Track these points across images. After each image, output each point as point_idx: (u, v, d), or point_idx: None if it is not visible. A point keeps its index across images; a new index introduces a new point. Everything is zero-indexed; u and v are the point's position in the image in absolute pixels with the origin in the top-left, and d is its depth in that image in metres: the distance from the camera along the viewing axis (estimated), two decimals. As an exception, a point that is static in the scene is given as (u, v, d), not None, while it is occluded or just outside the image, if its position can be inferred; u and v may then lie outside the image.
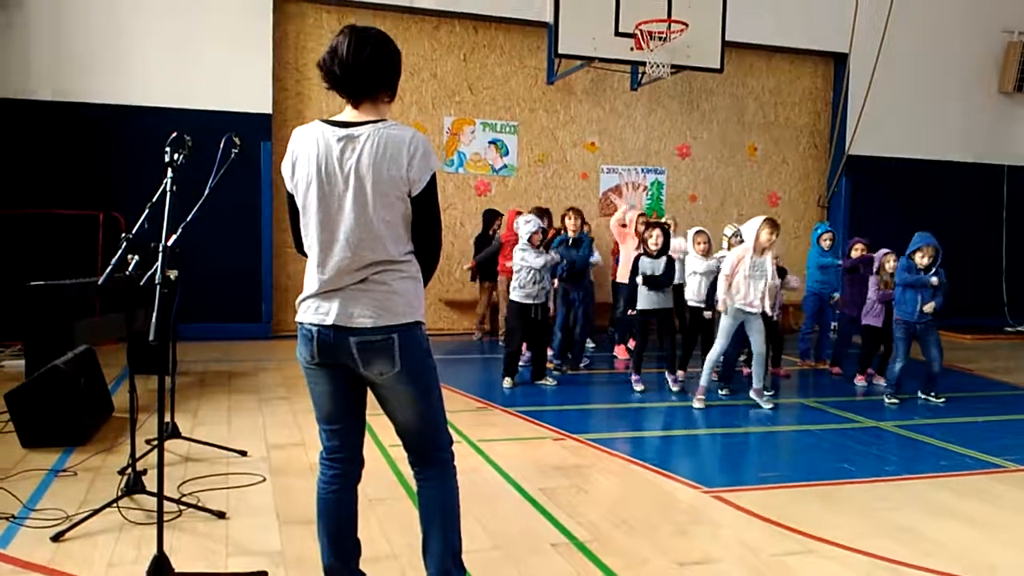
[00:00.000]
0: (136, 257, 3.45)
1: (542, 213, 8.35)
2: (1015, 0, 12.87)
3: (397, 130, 2.61)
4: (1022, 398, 7.56)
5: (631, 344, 8.31)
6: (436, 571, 2.79)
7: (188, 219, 4.32)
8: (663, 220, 8.69)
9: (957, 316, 11.36)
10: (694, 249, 7.49)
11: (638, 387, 7.18)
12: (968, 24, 12.67)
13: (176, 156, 3.22)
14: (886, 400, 6.96)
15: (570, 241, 7.88)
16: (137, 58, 9.47)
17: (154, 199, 3.51)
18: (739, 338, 6.84)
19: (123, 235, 3.47)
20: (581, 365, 8.22)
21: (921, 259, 6.86)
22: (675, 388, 7.21)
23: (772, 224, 6.55)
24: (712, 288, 7.09)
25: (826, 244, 8.53)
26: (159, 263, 2.96)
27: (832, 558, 3.61)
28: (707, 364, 6.73)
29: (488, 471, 4.78)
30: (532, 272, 7.10)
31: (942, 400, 7.00)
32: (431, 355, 2.76)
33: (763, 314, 6.61)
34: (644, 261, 7.23)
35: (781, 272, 7.11)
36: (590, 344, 8.93)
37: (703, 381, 6.69)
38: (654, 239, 7.17)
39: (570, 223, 7.96)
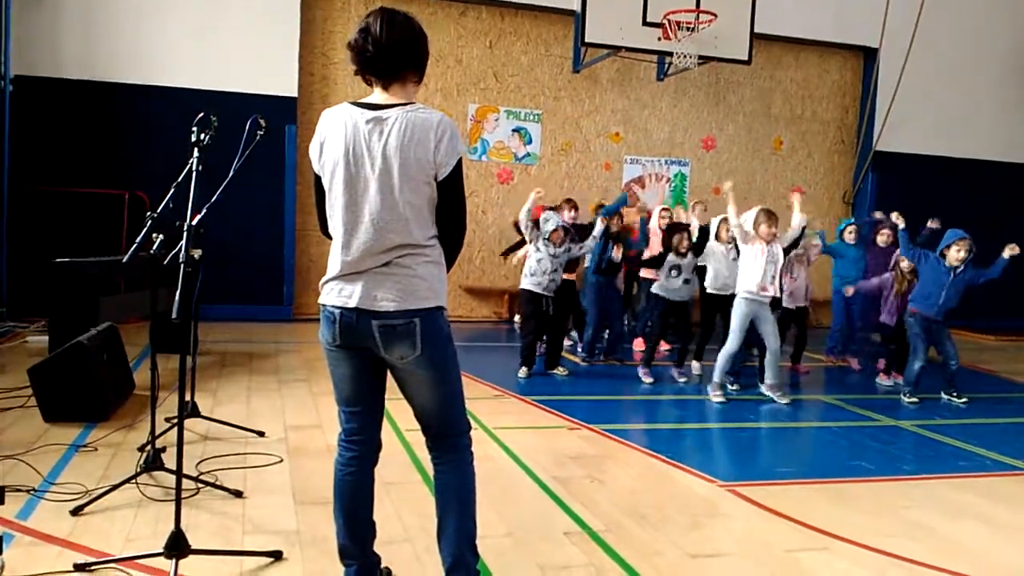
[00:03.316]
0: (160, 236, 3.47)
1: (572, 205, 8.11)
2: (1051, -4, 12.65)
3: (425, 113, 2.61)
4: (1045, 401, 7.48)
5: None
6: (450, 555, 2.79)
7: (213, 200, 4.34)
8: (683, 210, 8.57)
9: (982, 317, 11.23)
10: (720, 237, 7.40)
11: (647, 379, 7.16)
12: (1002, 18, 12.46)
13: (202, 136, 3.24)
14: (905, 400, 6.89)
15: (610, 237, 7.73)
16: (165, 39, 9.52)
17: (179, 179, 3.54)
18: (748, 338, 6.76)
19: (148, 214, 3.50)
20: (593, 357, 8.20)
21: (957, 253, 6.70)
22: (681, 380, 7.22)
23: (768, 215, 6.52)
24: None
25: (850, 238, 8.45)
26: (183, 242, 2.97)
27: (846, 555, 3.58)
28: (720, 360, 6.63)
29: (504, 459, 4.79)
30: (542, 261, 7.06)
31: (964, 401, 6.92)
32: (452, 340, 2.76)
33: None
34: (672, 258, 7.22)
35: (795, 244, 7.01)
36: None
37: (717, 377, 6.63)
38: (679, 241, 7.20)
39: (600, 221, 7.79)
